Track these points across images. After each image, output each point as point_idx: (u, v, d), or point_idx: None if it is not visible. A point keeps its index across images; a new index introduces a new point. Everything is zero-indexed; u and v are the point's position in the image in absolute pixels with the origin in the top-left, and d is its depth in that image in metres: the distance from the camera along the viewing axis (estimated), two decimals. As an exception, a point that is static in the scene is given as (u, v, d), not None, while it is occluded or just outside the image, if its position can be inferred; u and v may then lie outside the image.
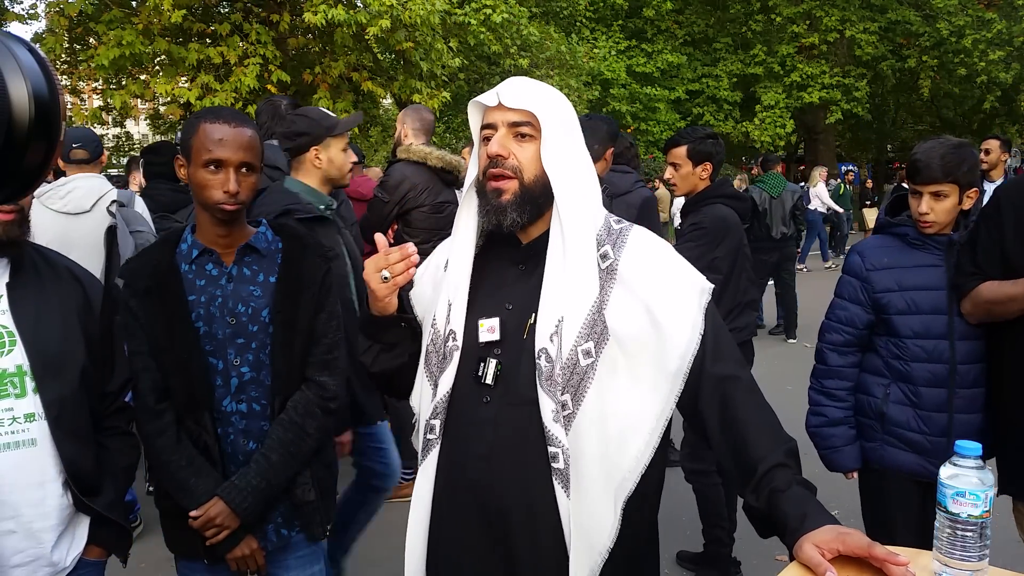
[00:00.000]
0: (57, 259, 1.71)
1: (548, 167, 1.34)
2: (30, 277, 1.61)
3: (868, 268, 2.34)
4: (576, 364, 1.31)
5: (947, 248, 2.26)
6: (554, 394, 1.30)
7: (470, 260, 1.43)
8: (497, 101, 1.36)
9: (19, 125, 1.29)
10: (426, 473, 1.41)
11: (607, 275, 1.36)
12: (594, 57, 16.93)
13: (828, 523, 1.19)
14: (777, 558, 3.28)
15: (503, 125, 1.36)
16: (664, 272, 1.38)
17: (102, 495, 1.68)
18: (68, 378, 1.60)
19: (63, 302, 1.64)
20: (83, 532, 1.67)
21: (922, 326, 2.26)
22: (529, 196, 1.36)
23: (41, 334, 1.58)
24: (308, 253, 1.87)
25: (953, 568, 1.21)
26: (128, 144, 27.26)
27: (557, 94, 1.42)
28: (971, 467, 1.20)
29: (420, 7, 8.87)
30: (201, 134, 1.71)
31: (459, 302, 1.41)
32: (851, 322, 2.36)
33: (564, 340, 1.31)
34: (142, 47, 8.53)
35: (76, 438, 1.61)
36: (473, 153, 1.44)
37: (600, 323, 1.32)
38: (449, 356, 1.40)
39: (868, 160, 29.40)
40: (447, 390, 1.39)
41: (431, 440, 1.40)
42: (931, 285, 2.26)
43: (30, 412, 1.56)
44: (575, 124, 1.41)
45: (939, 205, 2.21)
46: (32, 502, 1.55)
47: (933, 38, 19.11)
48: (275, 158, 3.45)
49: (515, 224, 1.37)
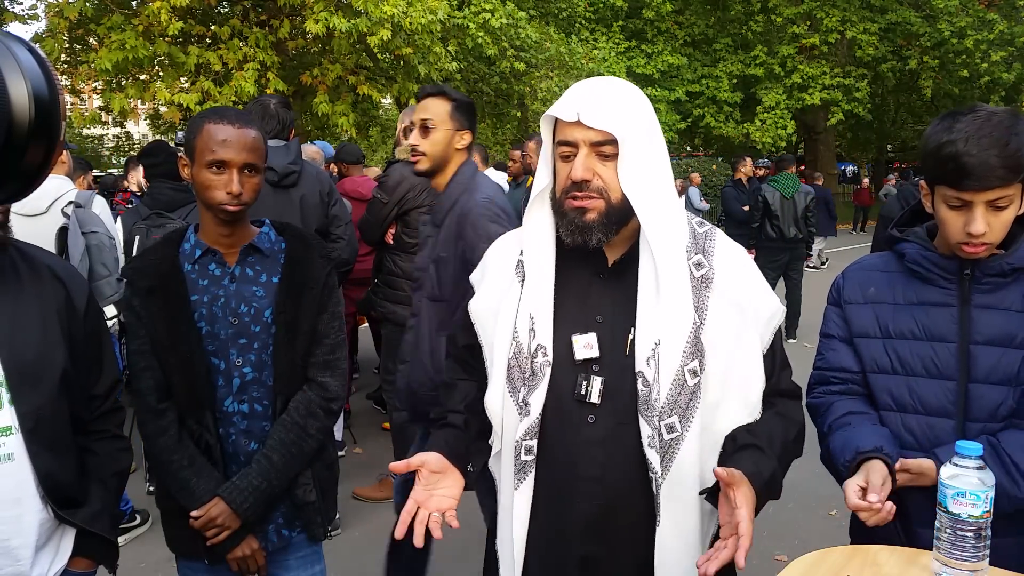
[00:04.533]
0: (39, 257, 1.62)
1: (627, 189, 1.29)
2: (9, 281, 1.53)
3: (846, 300, 1.69)
4: (683, 385, 1.30)
5: (959, 278, 1.55)
6: (651, 419, 1.29)
7: (551, 270, 1.38)
8: (576, 118, 1.28)
9: (19, 125, 1.30)
10: (523, 496, 1.36)
11: (702, 284, 1.35)
12: (594, 58, 16.92)
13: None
14: (776, 558, 3.28)
15: (584, 145, 1.29)
16: (752, 281, 1.41)
17: (86, 506, 1.60)
18: (46, 387, 1.52)
19: (43, 305, 1.55)
20: (68, 543, 1.60)
21: (910, 396, 1.56)
22: (615, 216, 1.31)
23: (17, 342, 1.49)
24: (311, 253, 1.87)
25: (953, 568, 1.21)
26: (128, 144, 27.27)
27: (635, 101, 1.34)
28: (971, 467, 1.20)
29: (421, 15, 8.87)
30: (205, 135, 1.71)
31: (544, 315, 1.36)
32: (844, 366, 1.68)
33: (664, 363, 1.29)
34: (144, 51, 8.53)
35: (54, 450, 1.53)
36: (543, 158, 1.39)
37: (700, 343, 1.31)
38: (540, 372, 1.34)
39: (868, 160, 29.41)
40: (539, 409, 1.33)
41: (528, 462, 1.35)
42: (930, 333, 1.56)
43: (6, 425, 1.47)
44: (654, 128, 1.35)
45: (999, 218, 1.45)
46: (8, 519, 1.47)
47: (934, 38, 19.12)
48: (270, 159, 3.44)
49: (601, 243, 1.32)
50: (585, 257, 1.36)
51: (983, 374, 1.50)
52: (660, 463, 1.29)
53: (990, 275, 1.52)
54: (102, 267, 3.44)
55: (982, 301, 1.53)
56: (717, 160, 20.76)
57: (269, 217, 1.94)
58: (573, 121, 1.28)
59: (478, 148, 5.46)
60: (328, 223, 3.59)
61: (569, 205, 1.32)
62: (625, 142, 1.27)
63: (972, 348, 1.51)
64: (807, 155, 23.20)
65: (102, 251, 3.45)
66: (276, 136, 3.38)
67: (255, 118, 3.40)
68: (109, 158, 25.35)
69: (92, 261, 3.41)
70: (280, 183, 3.34)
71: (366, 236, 3.96)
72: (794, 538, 3.58)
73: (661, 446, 1.29)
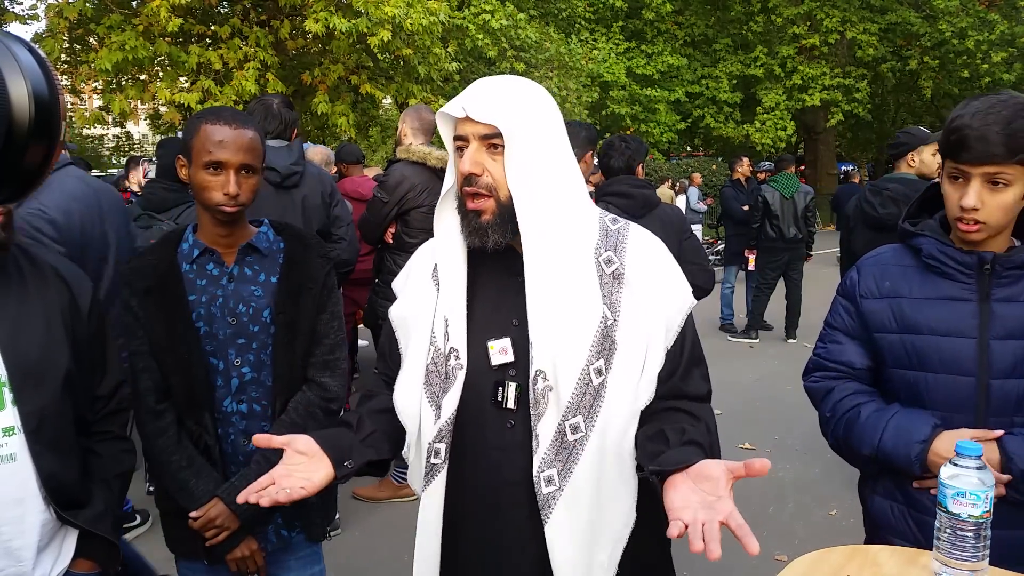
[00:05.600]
0: (42, 257, 1.62)
1: (512, 183, 1.27)
2: (13, 281, 1.53)
3: (861, 294, 1.67)
4: (588, 384, 1.28)
5: (978, 272, 1.53)
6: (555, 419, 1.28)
7: (463, 272, 1.37)
8: (464, 114, 1.28)
9: (19, 125, 1.29)
10: (433, 498, 1.35)
11: (613, 281, 1.33)
12: (593, 59, 16.92)
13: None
14: (776, 558, 3.28)
15: (474, 139, 1.28)
16: (662, 275, 1.37)
17: (88, 507, 1.60)
18: (49, 387, 1.52)
19: (47, 306, 1.56)
20: (71, 545, 1.60)
21: (928, 392, 1.56)
22: (509, 214, 1.29)
23: (21, 342, 1.49)
24: (310, 253, 1.87)
25: (953, 568, 1.22)
26: (128, 144, 27.28)
27: (526, 94, 1.32)
28: (971, 467, 1.20)
29: (421, 16, 8.87)
30: (202, 135, 1.71)
31: (457, 318, 1.34)
32: (846, 361, 1.69)
33: (566, 363, 1.27)
34: (144, 51, 8.52)
35: (57, 451, 1.53)
36: (450, 161, 1.37)
37: (609, 340, 1.29)
38: (452, 376, 1.33)
39: (868, 160, 29.41)
40: (451, 412, 1.32)
41: (436, 465, 1.34)
42: (948, 328, 1.54)
43: (9, 426, 1.47)
44: (551, 124, 1.32)
45: (995, 198, 1.45)
46: (10, 520, 1.48)
47: (934, 39, 19.12)
48: (272, 159, 3.45)
49: (498, 244, 1.31)
50: (499, 258, 1.34)
51: (1005, 369, 1.49)
52: (562, 464, 1.27)
53: (1010, 268, 1.51)
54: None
55: (1002, 295, 1.51)
56: (717, 160, 20.76)
57: (271, 218, 1.94)
58: (462, 117, 1.28)
59: None
60: (330, 224, 3.60)
61: (467, 206, 1.31)
62: (511, 135, 1.26)
63: (992, 343, 1.50)
64: (807, 155, 23.20)
65: None
66: (278, 136, 3.38)
67: (256, 118, 3.42)
68: (109, 158, 25.34)
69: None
70: (283, 184, 3.34)
71: (366, 236, 3.97)
72: (794, 538, 3.57)
73: (564, 446, 1.27)
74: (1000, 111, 1.43)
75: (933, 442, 1.50)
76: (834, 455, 1.81)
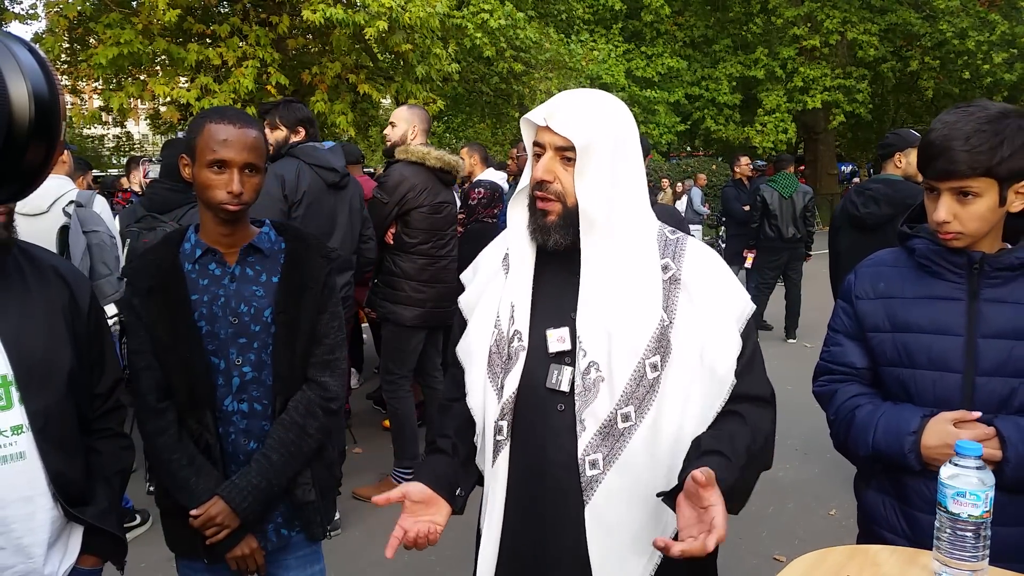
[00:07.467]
0: (43, 257, 1.64)
1: (580, 195, 1.37)
2: (14, 281, 1.54)
3: (857, 295, 1.71)
4: (643, 377, 1.36)
5: (968, 272, 1.56)
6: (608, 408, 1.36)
7: (531, 262, 1.47)
8: (544, 123, 1.37)
9: (19, 125, 1.30)
10: (498, 474, 1.44)
11: (671, 285, 1.41)
12: (593, 60, 16.90)
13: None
14: (776, 558, 3.28)
15: (550, 148, 1.38)
16: (720, 281, 1.45)
17: (93, 504, 1.62)
18: (54, 386, 1.54)
19: (49, 304, 1.57)
20: (77, 541, 1.62)
21: (917, 388, 1.59)
22: (573, 219, 1.39)
23: (25, 342, 1.51)
24: (311, 254, 1.87)
25: (953, 568, 1.22)
26: (128, 144, 27.24)
27: (607, 113, 1.40)
28: (971, 467, 1.20)
29: (420, 9, 8.86)
30: (206, 134, 1.72)
31: (523, 304, 1.45)
32: (848, 362, 1.72)
33: (626, 354, 1.35)
34: (141, 47, 8.51)
35: (63, 448, 1.55)
36: (528, 162, 1.47)
37: (665, 339, 1.37)
38: (514, 357, 1.42)
39: (868, 160, 29.42)
40: (513, 390, 1.41)
41: (500, 441, 1.43)
42: (938, 325, 1.56)
43: (17, 424, 1.48)
44: (623, 142, 1.40)
45: (966, 210, 1.49)
46: (21, 517, 1.50)
47: (935, 39, 19.10)
48: (329, 159, 3.54)
49: (558, 244, 1.41)
50: (564, 258, 1.44)
51: (991, 367, 1.52)
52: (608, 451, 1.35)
53: (999, 269, 1.53)
54: (103, 266, 3.46)
55: (992, 295, 1.54)
56: (717, 160, 20.74)
57: (325, 217, 1.95)
58: (544, 125, 1.38)
59: (478, 148, 5.48)
60: (361, 224, 3.78)
61: (537, 205, 1.41)
62: (584, 150, 1.34)
63: (979, 341, 1.52)
64: (807, 155, 23.17)
65: (103, 250, 3.46)
66: (312, 139, 3.57)
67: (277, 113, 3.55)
68: (109, 158, 25.33)
69: (93, 260, 3.43)
70: (339, 183, 3.50)
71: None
72: (794, 538, 3.58)
73: (612, 433, 1.35)
74: (962, 126, 1.46)
75: (923, 432, 1.52)
76: (834, 455, 1.82)
